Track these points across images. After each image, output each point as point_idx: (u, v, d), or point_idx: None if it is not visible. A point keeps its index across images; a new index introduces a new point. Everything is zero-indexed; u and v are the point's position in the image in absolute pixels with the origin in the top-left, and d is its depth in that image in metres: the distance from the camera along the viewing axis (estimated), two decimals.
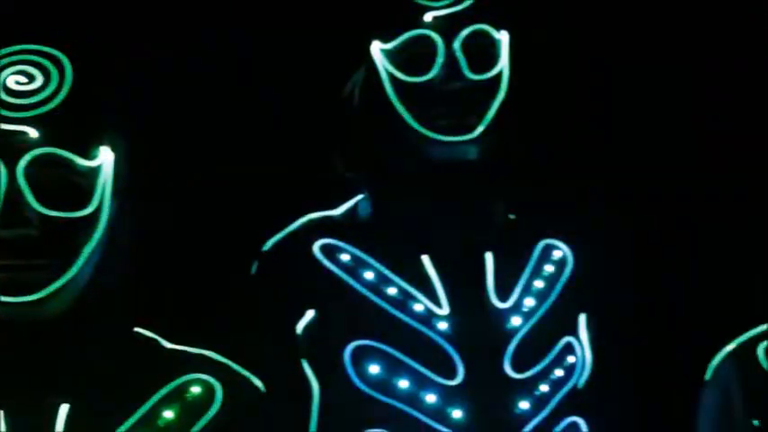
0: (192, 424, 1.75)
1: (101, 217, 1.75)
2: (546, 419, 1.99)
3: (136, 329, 1.82)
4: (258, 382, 1.80)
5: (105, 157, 1.78)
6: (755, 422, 1.91)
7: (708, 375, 1.96)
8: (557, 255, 2.10)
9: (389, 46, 2.08)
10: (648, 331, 2.36)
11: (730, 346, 1.95)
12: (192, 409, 1.76)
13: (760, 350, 1.92)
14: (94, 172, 1.76)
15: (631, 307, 2.18)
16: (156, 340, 1.82)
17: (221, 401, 1.76)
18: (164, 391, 1.75)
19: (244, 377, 1.81)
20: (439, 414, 1.97)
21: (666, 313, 2.53)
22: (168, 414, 1.74)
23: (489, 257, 2.05)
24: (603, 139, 2.61)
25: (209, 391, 1.76)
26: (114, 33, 2.52)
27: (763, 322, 1.96)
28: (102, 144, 1.78)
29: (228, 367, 1.81)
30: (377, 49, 2.08)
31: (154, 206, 1.95)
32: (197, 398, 1.76)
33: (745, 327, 1.95)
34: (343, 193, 2.12)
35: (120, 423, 1.73)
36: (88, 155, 1.77)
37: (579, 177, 2.43)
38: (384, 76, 2.06)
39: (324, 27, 2.51)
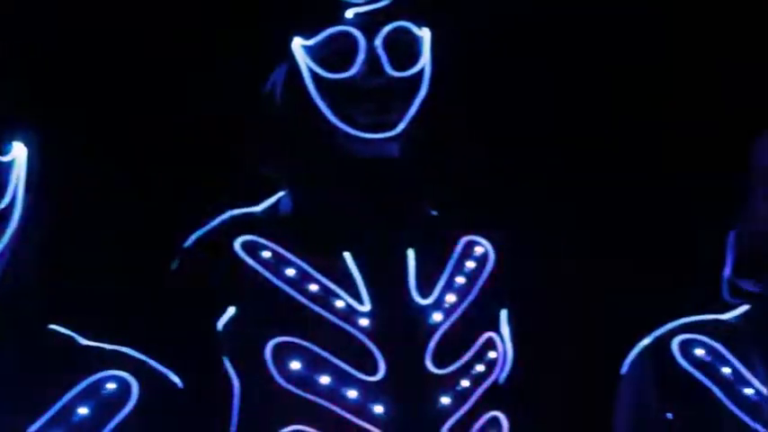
0: (108, 421, 1.73)
1: (13, 212, 1.73)
2: (467, 415, 1.98)
3: (50, 326, 1.78)
4: (175, 379, 1.78)
5: (18, 153, 1.75)
6: (669, 415, 1.93)
7: (624, 370, 1.97)
8: (478, 251, 2.09)
9: (310, 42, 2.06)
10: (568, 327, 2.37)
11: (646, 341, 1.96)
12: (107, 406, 1.74)
13: (674, 344, 1.94)
14: (7, 167, 1.74)
15: (552, 303, 2.19)
16: (71, 337, 1.80)
17: (137, 398, 1.74)
18: (78, 388, 1.73)
19: (161, 374, 1.78)
20: (360, 410, 1.95)
21: (585, 309, 2.55)
22: (83, 410, 1.72)
23: (411, 254, 2.04)
24: (525, 136, 2.62)
25: (124, 387, 1.74)
26: (31, 29, 2.49)
27: (678, 317, 1.97)
28: (14, 140, 1.76)
29: (145, 364, 1.78)
30: (298, 45, 2.06)
31: (70, 201, 1.93)
32: (112, 394, 1.73)
33: (660, 321, 1.96)
34: (264, 189, 2.10)
35: (34, 420, 1.70)
36: (0, 150, 1.75)
37: (501, 174, 2.43)
38: (305, 72, 2.04)
39: (244, 22, 2.49)
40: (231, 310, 2.00)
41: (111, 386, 1.73)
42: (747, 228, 1.98)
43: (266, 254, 2.02)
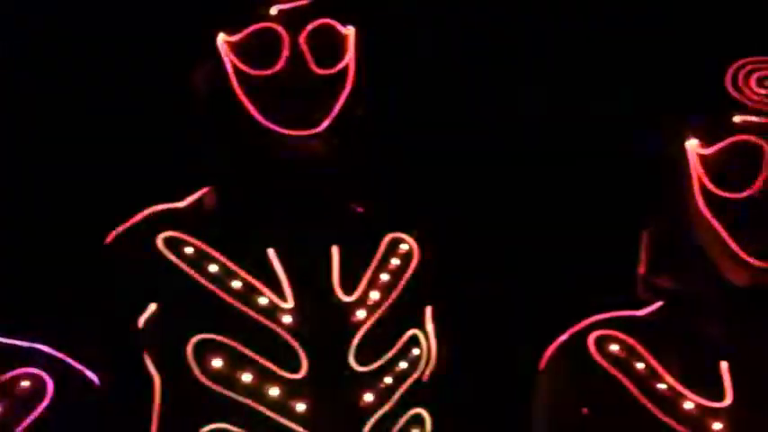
0: (21, 419, 1.70)
1: None
2: (390, 412, 1.97)
3: None
4: (92, 377, 1.75)
5: None
6: (585, 410, 1.93)
7: (542, 365, 1.98)
8: (403, 248, 2.07)
9: (235, 38, 2.03)
10: (490, 323, 2.37)
11: (562, 337, 1.96)
12: (21, 404, 1.70)
13: (590, 341, 1.95)
14: None
15: (474, 299, 2.19)
16: None
17: (51, 396, 1.71)
18: None
19: (77, 371, 1.76)
20: (282, 407, 1.93)
21: (506, 306, 2.55)
22: None
23: (335, 251, 2.02)
24: (449, 133, 2.63)
25: (39, 385, 1.71)
26: None
27: (594, 314, 1.98)
28: None
29: (61, 361, 1.75)
30: (222, 41, 2.04)
31: None
32: (26, 392, 1.70)
33: (577, 318, 1.97)
34: (188, 185, 2.08)
35: None
36: None
37: (425, 171, 2.43)
38: (229, 68, 2.02)
39: (170, 17, 2.47)
40: (152, 307, 1.98)
41: (25, 384, 1.71)
42: (661, 226, 2.00)
43: (189, 250, 1.99)
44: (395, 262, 2.05)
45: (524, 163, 2.64)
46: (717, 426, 1.88)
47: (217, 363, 1.94)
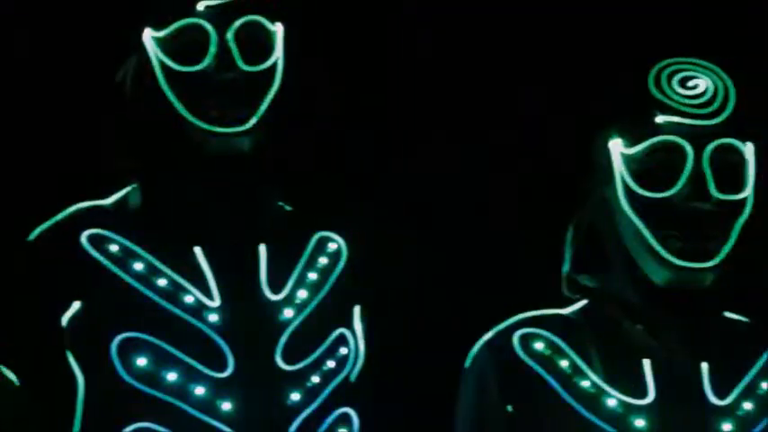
0: None
1: None
2: (317, 411, 1.94)
3: None
4: (11, 376, 1.71)
5: None
6: (509, 408, 1.94)
7: (467, 363, 1.98)
8: (331, 247, 2.05)
9: (161, 34, 1.99)
10: (418, 323, 2.37)
11: (488, 335, 1.96)
12: None
13: (515, 338, 1.95)
14: None
15: (403, 299, 2.18)
16: None
17: None
18: None
19: None
20: (208, 407, 1.90)
21: (434, 304, 2.56)
22: None
23: (263, 249, 1.99)
24: (376, 131, 2.62)
25: None
26: None
27: (519, 312, 1.99)
28: None
29: None
30: (148, 36, 2.00)
31: None
32: None
33: (502, 316, 1.97)
34: (113, 182, 2.03)
35: None
36: None
37: (354, 170, 2.42)
38: (156, 64, 1.98)
39: (96, 13, 2.43)
40: (76, 305, 1.93)
41: None
42: (584, 224, 2.01)
43: (114, 248, 1.95)
44: (323, 261, 2.03)
45: (451, 160, 2.64)
46: (639, 422, 1.89)
47: (141, 361, 1.90)
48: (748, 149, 1.94)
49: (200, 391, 1.90)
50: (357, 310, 2.05)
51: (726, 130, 1.94)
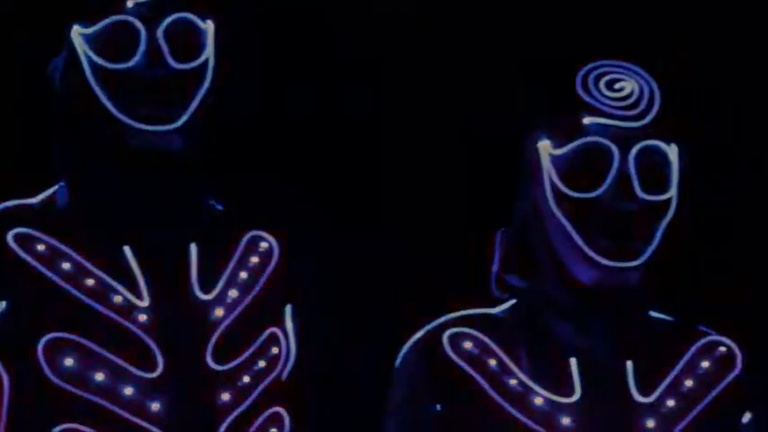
0: None
1: None
2: (247, 411, 1.92)
3: None
4: None
5: None
6: (438, 407, 1.94)
7: (397, 362, 1.96)
8: (263, 246, 2.02)
9: (90, 31, 1.95)
10: (349, 322, 2.37)
11: (418, 334, 1.95)
12: None
13: (445, 338, 1.95)
14: None
15: (334, 298, 2.17)
16: None
17: None
18: None
19: None
20: (137, 407, 1.87)
21: (365, 304, 2.56)
22: None
23: (193, 249, 1.96)
24: (308, 130, 2.60)
25: None
26: None
27: (449, 311, 1.98)
28: None
29: None
30: (77, 33, 1.95)
31: None
32: None
33: (433, 315, 1.97)
34: (41, 180, 2.00)
35: None
36: None
37: (286, 169, 2.41)
38: (84, 61, 1.94)
39: (24, 8, 2.37)
40: (2, 305, 1.89)
41: None
42: (515, 224, 2.02)
43: (41, 247, 1.91)
44: (254, 260, 2.00)
45: (382, 162, 2.64)
46: (565, 420, 1.91)
47: (69, 362, 1.86)
48: (672, 151, 1.97)
49: (128, 391, 1.87)
50: (288, 309, 2.03)
51: (651, 131, 1.96)
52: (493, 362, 1.93)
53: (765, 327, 2.69)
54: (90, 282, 1.91)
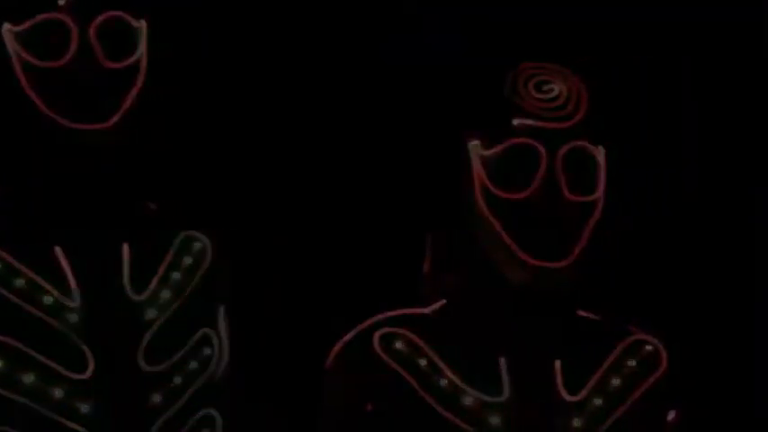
0: None
1: None
2: (179, 412, 1.90)
3: None
4: None
5: None
6: (369, 407, 1.94)
7: (328, 363, 1.95)
8: (196, 246, 2.00)
9: (20, 28, 1.91)
10: (283, 323, 2.35)
11: (348, 335, 1.94)
12: None
13: (375, 338, 1.93)
14: None
15: (268, 298, 2.16)
16: None
17: None
18: None
19: None
20: (66, 409, 1.84)
21: (299, 305, 2.55)
22: None
23: (125, 249, 1.94)
24: (243, 130, 2.59)
25: None
26: None
27: (379, 312, 1.99)
28: None
29: None
30: (7, 31, 1.91)
31: None
32: None
33: (364, 316, 1.97)
34: None
35: None
36: None
37: (222, 168, 2.38)
38: (15, 59, 1.90)
39: None
40: None
41: None
42: (445, 225, 2.02)
43: None
44: (187, 260, 1.98)
45: (316, 162, 2.63)
46: (494, 420, 1.92)
47: None
48: (599, 152, 1.99)
49: (58, 393, 1.84)
50: (221, 310, 2.01)
51: (578, 133, 1.98)
52: (423, 362, 1.93)
53: (691, 326, 2.74)
54: (19, 282, 1.87)
